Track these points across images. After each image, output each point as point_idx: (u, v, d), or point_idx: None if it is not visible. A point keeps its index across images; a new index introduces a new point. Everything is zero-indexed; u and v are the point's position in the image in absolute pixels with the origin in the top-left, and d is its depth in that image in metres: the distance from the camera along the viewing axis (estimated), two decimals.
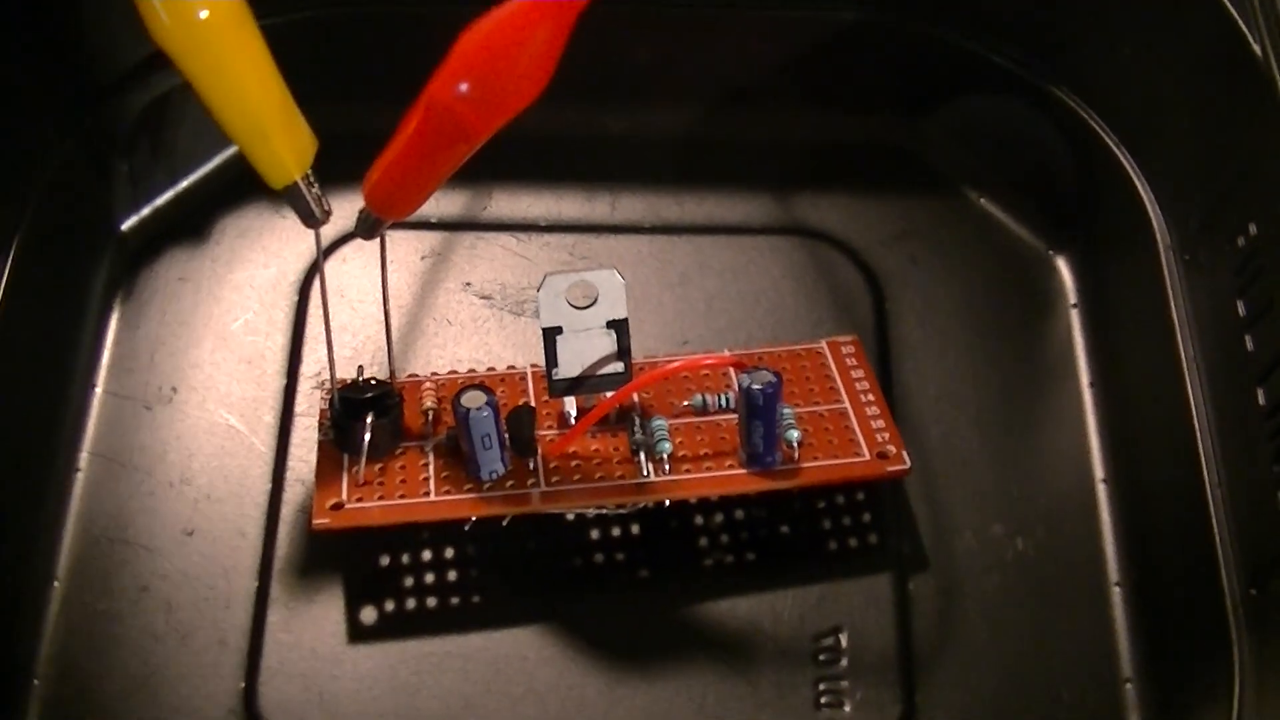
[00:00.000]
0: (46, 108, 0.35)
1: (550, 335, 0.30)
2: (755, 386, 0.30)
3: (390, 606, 0.32)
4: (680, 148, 0.40)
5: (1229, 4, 0.32)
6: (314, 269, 0.37)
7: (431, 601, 0.32)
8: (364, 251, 0.37)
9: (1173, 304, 0.34)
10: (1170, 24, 0.34)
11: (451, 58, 0.25)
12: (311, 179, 0.28)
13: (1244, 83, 0.31)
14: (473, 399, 0.30)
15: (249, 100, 0.26)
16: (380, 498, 0.31)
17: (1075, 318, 0.37)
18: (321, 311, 0.31)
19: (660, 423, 0.32)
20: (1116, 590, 0.32)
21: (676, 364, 0.32)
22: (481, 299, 0.37)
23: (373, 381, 0.32)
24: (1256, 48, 0.31)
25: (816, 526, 0.33)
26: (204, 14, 0.25)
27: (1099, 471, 0.34)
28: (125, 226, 0.37)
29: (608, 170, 0.39)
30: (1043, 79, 0.38)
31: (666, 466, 0.31)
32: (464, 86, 0.25)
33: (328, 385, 0.32)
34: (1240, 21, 0.31)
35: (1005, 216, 0.39)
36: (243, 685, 0.31)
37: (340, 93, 0.35)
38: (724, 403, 0.32)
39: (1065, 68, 0.38)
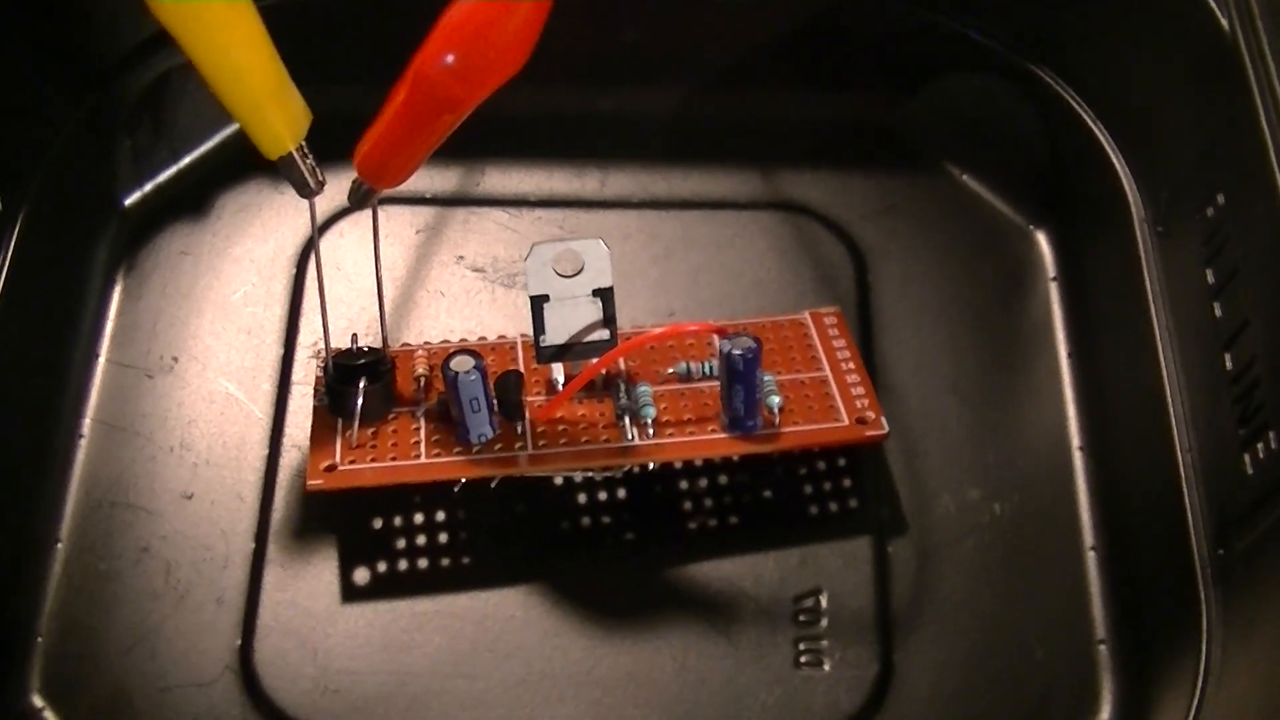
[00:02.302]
0: (52, 87, 0.36)
1: (537, 303, 0.31)
2: (735, 351, 0.30)
3: (382, 567, 0.32)
4: (668, 125, 0.41)
5: None
6: (311, 243, 0.38)
7: (422, 562, 0.32)
8: (359, 226, 0.38)
9: (1147, 275, 0.34)
10: (1144, 4, 0.35)
11: (437, 31, 0.26)
12: (306, 150, 0.28)
13: (1212, 57, 0.32)
14: (461, 363, 0.30)
15: (245, 72, 0.27)
16: (372, 460, 0.31)
17: (1054, 290, 0.37)
18: (317, 283, 0.32)
19: (645, 389, 0.32)
20: (1091, 554, 0.33)
21: (660, 330, 0.32)
22: (474, 271, 0.38)
23: (366, 349, 0.33)
24: (1224, 22, 0.31)
25: (798, 491, 0.34)
26: None
27: (1075, 439, 0.35)
28: (128, 202, 0.38)
29: (597, 147, 0.40)
30: (1023, 59, 0.39)
31: (650, 431, 0.32)
32: (449, 59, 0.26)
33: (323, 354, 0.33)
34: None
35: (985, 192, 0.39)
36: (239, 643, 0.31)
37: (334, 73, 0.34)
38: (707, 370, 0.33)
39: (1045, 48, 0.38)
